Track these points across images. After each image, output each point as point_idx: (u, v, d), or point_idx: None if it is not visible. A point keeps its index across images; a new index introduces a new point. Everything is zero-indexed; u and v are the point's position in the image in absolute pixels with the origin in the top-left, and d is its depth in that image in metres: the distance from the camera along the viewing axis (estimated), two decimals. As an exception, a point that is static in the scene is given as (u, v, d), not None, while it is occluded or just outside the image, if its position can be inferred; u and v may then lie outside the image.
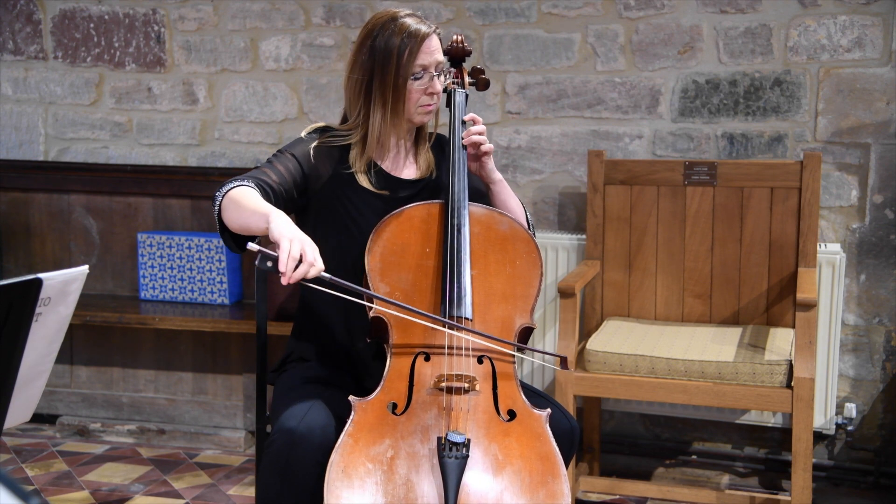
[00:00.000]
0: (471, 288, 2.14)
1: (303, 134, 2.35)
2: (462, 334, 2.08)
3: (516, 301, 2.17)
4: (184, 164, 3.90)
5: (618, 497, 3.26)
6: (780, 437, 3.43)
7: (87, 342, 3.90)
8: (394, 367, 2.07)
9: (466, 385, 2.01)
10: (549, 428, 2.00)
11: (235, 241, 2.16)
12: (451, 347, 2.07)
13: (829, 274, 3.18)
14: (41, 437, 3.82)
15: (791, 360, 2.81)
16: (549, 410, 2.04)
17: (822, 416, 3.23)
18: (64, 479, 3.42)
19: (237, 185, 2.14)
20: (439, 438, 1.91)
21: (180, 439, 3.77)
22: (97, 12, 3.91)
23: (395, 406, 2.01)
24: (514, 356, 2.12)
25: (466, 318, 2.11)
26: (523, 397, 2.06)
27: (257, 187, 2.16)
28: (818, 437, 3.35)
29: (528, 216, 2.41)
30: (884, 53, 3.25)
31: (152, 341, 3.84)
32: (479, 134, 2.30)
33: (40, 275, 1.56)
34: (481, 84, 2.48)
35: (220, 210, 2.13)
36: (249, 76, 3.81)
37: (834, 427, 3.29)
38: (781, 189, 3.16)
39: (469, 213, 2.23)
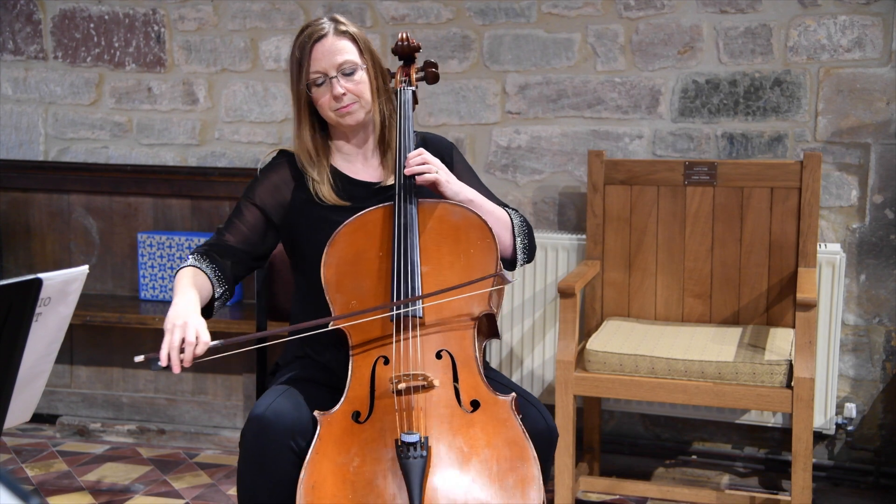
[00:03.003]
0: (421, 286, 2.12)
1: (259, 166, 2.39)
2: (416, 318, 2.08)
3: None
4: (184, 164, 3.90)
5: (618, 497, 3.26)
6: (780, 437, 3.43)
7: (87, 342, 3.90)
8: (355, 374, 2.07)
9: (423, 383, 2.01)
10: (515, 413, 1.99)
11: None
12: (398, 336, 2.07)
13: (829, 274, 3.18)
14: (41, 437, 3.82)
15: (791, 360, 2.81)
16: (513, 394, 2.03)
17: (822, 416, 3.23)
18: (64, 479, 3.42)
19: (184, 266, 2.22)
20: (396, 441, 1.93)
21: (180, 439, 3.77)
22: (97, 12, 3.91)
23: (358, 414, 2.02)
24: (474, 345, 2.09)
25: (419, 318, 2.09)
26: (486, 385, 2.04)
27: (206, 258, 2.23)
28: (818, 437, 3.35)
29: (517, 223, 2.35)
30: (884, 53, 3.25)
31: (152, 341, 3.84)
32: (421, 164, 2.22)
33: (40, 275, 1.56)
34: (430, 77, 2.43)
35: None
36: (249, 76, 3.81)
37: (834, 427, 3.29)
38: (781, 189, 3.16)
39: (419, 209, 2.21)
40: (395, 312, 2.08)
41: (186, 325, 2.01)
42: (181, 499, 3.25)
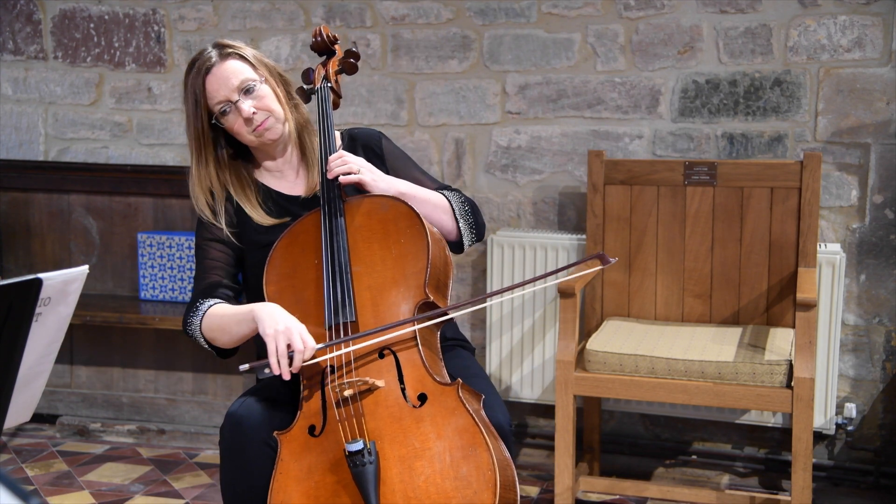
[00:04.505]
0: (352, 289, 2.10)
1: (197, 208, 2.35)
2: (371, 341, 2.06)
3: (407, 280, 2.11)
4: (184, 164, 3.89)
5: (618, 497, 3.26)
6: (780, 437, 3.43)
7: (87, 342, 3.90)
8: (307, 388, 2.08)
9: (365, 388, 2.00)
10: (464, 398, 1.97)
11: (222, 352, 2.25)
12: (337, 344, 2.06)
13: (829, 274, 3.18)
14: (41, 437, 3.82)
15: (791, 360, 2.81)
16: (459, 381, 2.00)
17: (822, 416, 3.23)
18: (64, 479, 3.42)
19: (207, 309, 2.18)
20: (344, 451, 1.93)
21: (180, 439, 3.77)
22: (97, 12, 3.91)
23: (313, 428, 2.02)
24: (415, 339, 2.06)
25: (351, 322, 2.07)
26: (431, 376, 2.02)
27: (220, 298, 2.21)
28: (818, 437, 3.35)
29: (457, 205, 2.31)
30: (884, 53, 3.25)
31: (152, 341, 3.84)
32: (341, 165, 2.19)
33: (40, 275, 1.56)
34: (349, 68, 2.39)
35: (206, 340, 2.21)
36: (249, 76, 3.80)
37: (834, 427, 3.28)
38: (781, 189, 3.16)
39: (346, 208, 2.19)
40: (331, 343, 2.06)
41: (290, 330, 1.98)
42: (181, 499, 3.25)
